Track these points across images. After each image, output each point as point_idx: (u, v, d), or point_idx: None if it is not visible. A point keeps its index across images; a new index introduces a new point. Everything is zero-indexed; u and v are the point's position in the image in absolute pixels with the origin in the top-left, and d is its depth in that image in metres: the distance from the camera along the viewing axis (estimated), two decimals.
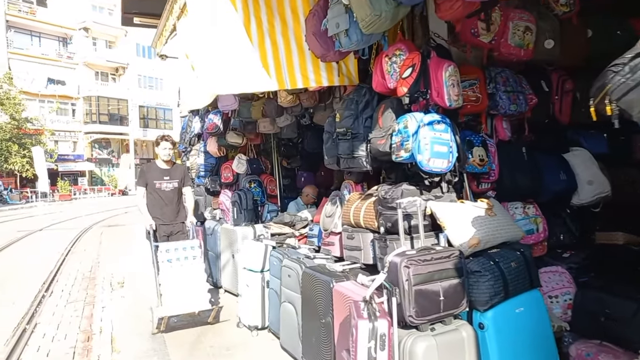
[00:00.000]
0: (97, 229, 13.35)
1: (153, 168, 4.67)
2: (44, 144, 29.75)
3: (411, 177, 2.77)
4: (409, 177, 2.79)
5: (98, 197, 30.07)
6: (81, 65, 35.64)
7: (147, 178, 4.57)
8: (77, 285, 6.50)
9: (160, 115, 40.29)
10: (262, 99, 4.85)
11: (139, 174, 4.70)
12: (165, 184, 4.59)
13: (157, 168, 4.65)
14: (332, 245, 3.47)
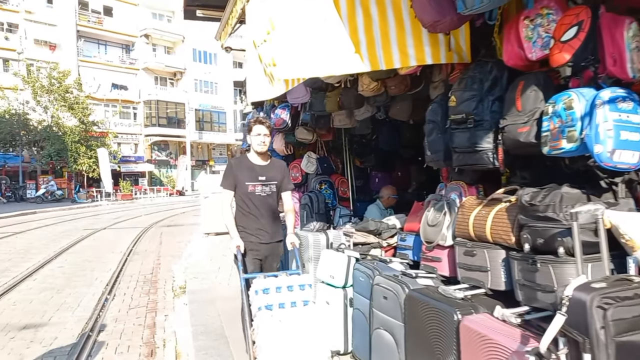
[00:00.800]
0: (157, 228, 13.43)
1: (244, 164, 3.37)
2: (108, 146, 31.10)
3: (559, 176, 2.09)
4: (553, 177, 2.10)
5: (157, 197, 30.98)
6: (142, 70, 37.07)
7: (236, 178, 3.30)
8: (139, 288, 6.26)
9: (215, 118, 41.15)
10: (338, 89, 4.29)
11: (225, 172, 3.40)
12: (260, 187, 3.32)
13: (250, 165, 3.35)
14: (438, 261, 2.83)
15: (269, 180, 3.35)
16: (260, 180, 3.32)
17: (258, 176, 3.31)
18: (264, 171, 3.35)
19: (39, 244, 10.46)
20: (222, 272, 6.85)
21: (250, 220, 3.32)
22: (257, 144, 3.31)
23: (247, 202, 3.32)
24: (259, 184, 3.31)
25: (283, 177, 3.46)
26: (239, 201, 3.35)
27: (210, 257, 8.09)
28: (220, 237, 10.86)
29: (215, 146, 41.49)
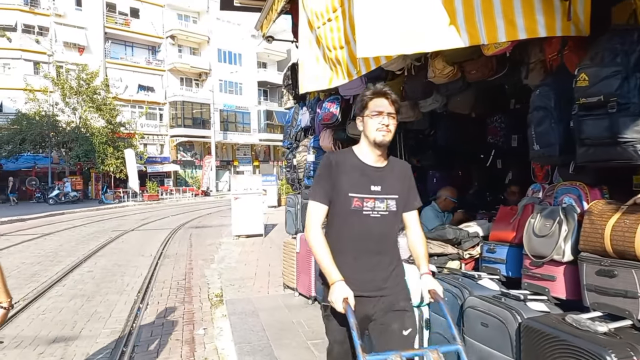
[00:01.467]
0: (185, 230, 13.15)
1: (349, 163, 2.05)
2: (135, 147, 31.29)
3: None
4: None
5: (183, 198, 31.00)
6: (167, 71, 37.27)
7: (334, 185, 2.00)
8: (173, 296, 5.87)
9: (239, 118, 41.08)
10: (399, 77, 3.79)
11: (319, 173, 2.11)
12: (372, 203, 1.99)
13: (359, 165, 2.04)
14: (550, 280, 2.29)
15: (388, 193, 2.01)
16: (373, 192, 1.98)
17: (371, 185, 1.98)
18: (381, 177, 2.01)
19: (68, 246, 10.27)
20: (260, 279, 6.42)
21: (348, 258, 1.96)
22: (376, 130, 1.95)
23: (347, 227, 1.99)
24: (370, 198, 1.97)
25: (409, 187, 2.13)
26: (335, 225, 2.03)
27: (244, 262, 7.69)
28: (252, 239, 10.50)
29: (239, 147, 41.43)
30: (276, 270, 6.92)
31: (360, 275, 1.97)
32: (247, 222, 10.26)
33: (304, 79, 3.50)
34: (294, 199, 5.49)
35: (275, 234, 11.10)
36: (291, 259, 5.47)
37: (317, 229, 1.98)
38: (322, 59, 3.33)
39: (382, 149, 2.02)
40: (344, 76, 3.12)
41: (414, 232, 2.17)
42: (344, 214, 2.00)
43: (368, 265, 2.00)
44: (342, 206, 1.99)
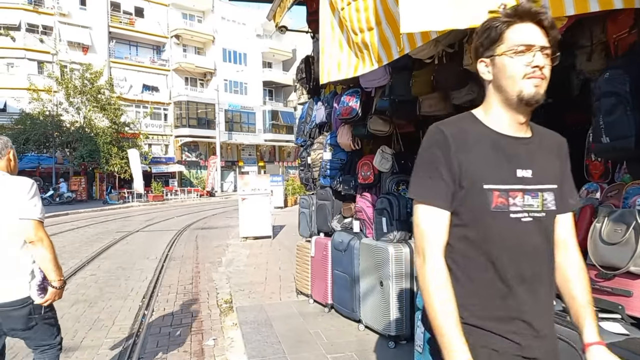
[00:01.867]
0: (191, 231, 12.86)
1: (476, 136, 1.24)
2: (139, 147, 31.08)
3: None
4: None
5: (188, 198, 30.77)
6: (172, 71, 37.09)
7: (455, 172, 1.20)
8: (179, 302, 5.56)
9: (244, 119, 40.85)
10: (429, 66, 3.45)
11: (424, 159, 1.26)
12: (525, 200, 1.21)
13: (493, 136, 1.24)
14: (626, 296, 1.96)
15: (542, 182, 1.25)
16: (521, 181, 1.23)
17: (516, 168, 1.23)
18: (529, 155, 1.26)
19: (71, 248, 9.99)
20: (270, 283, 6.10)
21: (491, 291, 1.21)
22: (524, 77, 1.18)
23: (486, 243, 1.21)
24: (517, 191, 1.22)
25: (564, 174, 1.34)
26: (463, 237, 1.23)
27: (253, 265, 7.38)
28: (260, 241, 10.20)
29: (244, 147, 41.21)
30: (287, 274, 6.60)
31: (507, 324, 1.20)
32: (255, 224, 9.95)
33: (325, 68, 3.17)
34: (308, 200, 5.17)
35: (284, 236, 10.79)
36: (305, 263, 5.16)
37: (438, 258, 1.20)
38: (347, 44, 3.00)
39: (529, 110, 1.23)
40: (371, 62, 2.79)
41: (570, 253, 1.34)
42: (477, 221, 1.21)
43: (521, 305, 1.20)
44: (474, 208, 1.21)
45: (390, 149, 4.20)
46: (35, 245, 2.25)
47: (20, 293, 2.25)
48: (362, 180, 4.32)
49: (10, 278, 2.24)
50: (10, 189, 2.27)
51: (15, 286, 2.24)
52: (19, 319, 2.28)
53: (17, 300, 2.24)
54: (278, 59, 44.99)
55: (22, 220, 2.23)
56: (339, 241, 4.41)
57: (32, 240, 2.24)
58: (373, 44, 2.69)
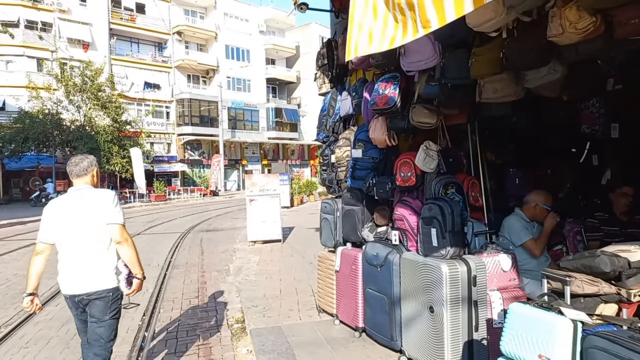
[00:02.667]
0: (195, 234, 12.19)
1: None
2: (141, 146, 30.44)
3: None
4: None
5: (191, 198, 30.11)
6: (174, 68, 36.42)
7: None
8: (185, 321, 4.90)
9: (247, 116, 40.17)
10: (496, 40, 2.76)
11: None
12: None
13: None
14: None
15: None
16: None
17: None
18: None
19: None
20: (286, 298, 5.43)
21: None
22: None
23: None
24: None
25: None
26: None
27: (265, 274, 6.71)
28: (269, 245, 9.53)
29: (248, 145, 40.52)
30: (303, 285, 5.93)
31: None
32: (264, 227, 9.28)
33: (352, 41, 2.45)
34: (331, 205, 4.48)
35: (294, 239, 10.12)
36: (328, 277, 4.48)
37: None
38: (385, 6, 2.29)
39: None
40: (415, 28, 2.05)
41: None
42: None
43: None
44: None
45: (436, 144, 3.51)
46: (122, 245, 2.74)
47: (104, 285, 2.74)
48: (401, 183, 3.62)
49: (97, 272, 2.73)
50: (95, 199, 2.75)
51: (100, 279, 2.74)
52: (99, 308, 2.75)
53: (101, 290, 2.73)
54: (281, 56, 44.26)
55: (110, 225, 2.71)
56: (373, 254, 3.72)
57: (119, 241, 2.72)
58: (421, 1, 1.98)
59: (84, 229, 2.72)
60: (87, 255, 2.73)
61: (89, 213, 2.72)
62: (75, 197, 2.79)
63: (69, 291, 2.77)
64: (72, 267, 2.75)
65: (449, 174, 3.50)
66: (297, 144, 43.93)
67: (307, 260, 7.73)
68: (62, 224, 2.74)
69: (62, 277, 2.79)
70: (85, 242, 2.73)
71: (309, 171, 44.31)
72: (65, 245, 2.76)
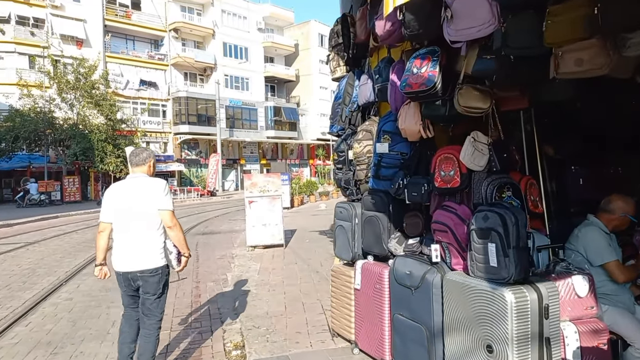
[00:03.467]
0: (190, 237, 11.43)
1: None
2: (137, 145, 29.67)
3: None
4: None
5: (188, 198, 29.33)
6: (171, 66, 35.65)
7: None
8: (174, 345, 4.17)
9: (245, 115, 39.41)
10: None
11: None
12: None
13: None
14: None
15: None
16: None
17: None
18: None
19: (51, 260, 8.60)
20: (293, 316, 4.70)
21: None
22: None
23: None
24: None
25: None
26: None
27: (267, 286, 5.99)
28: (270, 251, 8.82)
29: (246, 144, 39.75)
30: (312, 300, 5.22)
31: None
32: (265, 231, 8.56)
33: None
34: (348, 210, 3.77)
35: (297, 244, 9.40)
36: (345, 296, 3.76)
37: None
38: None
39: None
40: None
41: None
42: None
43: None
44: None
45: (486, 136, 2.80)
46: (172, 229, 3.09)
47: (155, 263, 3.06)
48: (441, 184, 2.91)
49: (149, 252, 3.05)
50: (150, 187, 3.07)
51: (152, 258, 3.05)
52: (152, 285, 3.07)
53: (153, 268, 3.05)
54: (280, 54, 43.52)
55: (161, 211, 3.05)
56: (405, 272, 3.00)
57: (169, 225, 3.07)
58: None
59: (138, 212, 3.03)
60: (140, 236, 3.05)
61: (142, 198, 3.04)
62: (132, 183, 3.11)
63: (122, 268, 3.08)
64: (127, 247, 3.06)
65: (503, 172, 2.79)
66: (296, 143, 43.20)
67: (313, 268, 7.01)
68: (118, 206, 3.06)
69: (117, 255, 3.10)
70: (139, 224, 3.04)
71: (308, 171, 43.61)
72: (120, 226, 3.07)
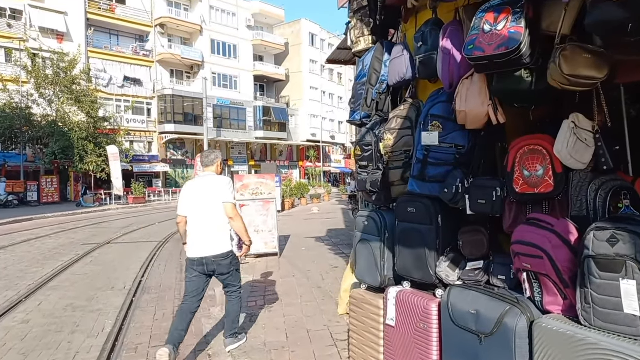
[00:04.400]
0: (174, 244, 10.46)
1: None
2: (119, 144, 28.49)
3: None
4: None
5: (173, 200, 28.20)
6: (156, 63, 34.47)
7: None
8: None
9: (234, 115, 38.37)
10: None
11: None
12: None
13: None
14: None
15: None
16: None
17: None
18: None
19: (15, 270, 7.57)
20: (298, 347, 3.81)
21: None
22: None
23: None
24: None
25: None
26: None
27: (263, 307, 5.09)
28: (264, 260, 7.90)
29: (234, 145, 38.70)
30: (318, 326, 4.35)
31: None
32: (258, 238, 7.65)
33: None
34: (376, 220, 2.90)
35: (292, 252, 8.51)
36: (370, 332, 2.90)
37: None
38: None
39: None
40: None
41: None
42: None
43: None
44: None
45: (590, 121, 1.97)
46: (233, 219, 3.59)
47: (225, 248, 3.60)
48: (524, 188, 2.07)
49: (221, 240, 3.59)
50: (217, 184, 3.64)
51: (222, 245, 3.59)
52: (225, 266, 3.64)
53: (224, 253, 3.60)
54: (270, 52, 42.62)
55: (224, 203, 3.56)
56: (469, 311, 2.16)
57: (230, 216, 3.57)
58: None
59: (209, 205, 3.58)
60: (211, 226, 3.57)
61: (212, 194, 3.59)
62: (203, 181, 3.70)
63: (197, 254, 3.58)
64: (201, 236, 3.58)
65: (612, 172, 1.96)
66: (285, 144, 42.28)
67: (314, 282, 6.14)
68: (192, 201, 3.63)
69: (192, 243, 3.62)
70: (210, 215, 3.57)
71: (298, 173, 42.69)
72: (195, 218, 3.60)
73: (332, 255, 8.05)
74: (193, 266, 3.59)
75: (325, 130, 46.17)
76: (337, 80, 50.41)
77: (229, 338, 3.82)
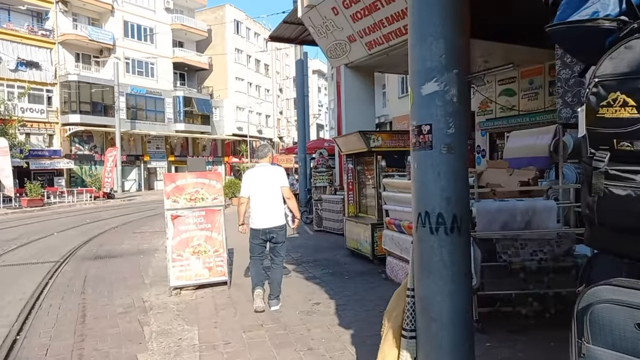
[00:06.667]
0: (76, 265, 8.02)
1: None
2: (12, 136, 24.16)
3: None
4: None
5: (78, 202, 24.42)
6: (58, 44, 29.98)
7: None
8: None
9: (150, 105, 34.82)
10: None
11: None
12: None
13: None
14: None
15: None
16: None
17: None
18: None
19: None
20: None
21: None
22: None
23: None
24: None
25: None
26: None
27: None
28: (207, 294, 5.83)
29: (151, 138, 35.10)
30: None
31: None
32: (197, 263, 5.67)
33: None
34: None
35: (244, 278, 6.55)
36: None
37: None
38: None
39: None
40: None
41: None
42: None
43: None
44: None
45: None
46: (290, 199, 4.96)
47: (282, 221, 4.93)
48: None
49: (279, 215, 4.90)
50: (274, 172, 4.94)
51: (280, 218, 4.91)
52: (281, 235, 4.90)
53: (282, 224, 4.92)
54: (191, 39, 39.37)
55: (282, 187, 4.89)
56: None
57: (287, 197, 4.93)
58: None
59: (269, 188, 4.84)
60: (272, 204, 4.83)
61: (271, 179, 4.86)
62: (263, 170, 4.93)
63: (262, 225, 4.82)
64: (264, 211, 4.82)
65: None
66: (209, 138, 39.35)
67: (296, 335, 4.28)
68: (255, 185, 4.86)
69: (257, 217, 4.84)
70: (270, 196, 4.83)
71: (223, 169, 40.00)
72: (258, 198, 4.84)
73: (303, 281, 6.20)
74: (258, 235, 4.84)
75: (252, 124, 43.90)
76: (264, 71, 48.23)
77: (274, 300, 4.86)
